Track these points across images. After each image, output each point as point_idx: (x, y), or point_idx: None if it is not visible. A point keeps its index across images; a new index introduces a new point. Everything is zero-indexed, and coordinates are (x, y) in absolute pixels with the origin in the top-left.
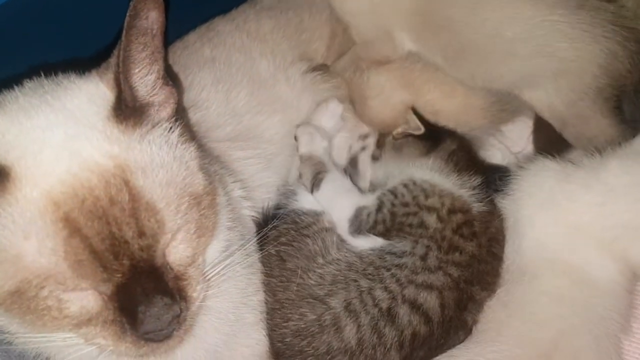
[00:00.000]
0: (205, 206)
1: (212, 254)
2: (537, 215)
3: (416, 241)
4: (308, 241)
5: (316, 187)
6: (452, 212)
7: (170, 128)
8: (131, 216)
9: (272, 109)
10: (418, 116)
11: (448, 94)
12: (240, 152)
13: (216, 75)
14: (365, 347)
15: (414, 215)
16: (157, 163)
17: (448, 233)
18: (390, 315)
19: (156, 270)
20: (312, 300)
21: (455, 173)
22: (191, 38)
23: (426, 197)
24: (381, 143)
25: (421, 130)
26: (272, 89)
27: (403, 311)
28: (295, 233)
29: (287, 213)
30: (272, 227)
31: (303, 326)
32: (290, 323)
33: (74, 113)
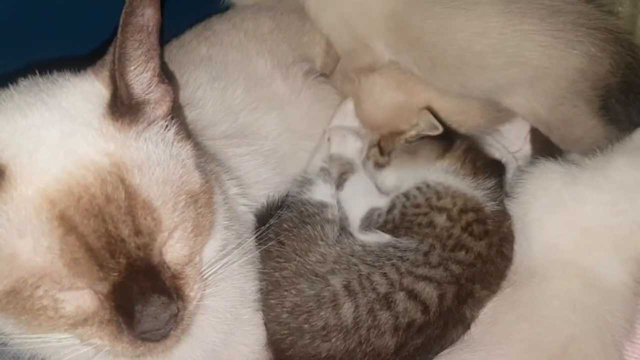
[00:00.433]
0: (202, 205)
1: (209, 253)
2: (545, 217)
3: (422, 240)
4: (308, 227)
5: (340, 187)
6: (464, 212)
7: (166, 126)
8: (127, 214)
9: (269, 106)
10: (434, 116)
11: (443, 94)
12: (236, 149)
13: (212, 73)
14: (360, 327)
15: (424, 215)
16: (154, 161)
17: (456, 231)
18: (387, 300)
19: (153, 269)
20: (312, 276)
21: (471, 175)
22: (187, 37)
23: (439, 199)
24: (386, 149)
25: (439, 130)
26: (269, 87)
27: (400, 298)
28: (297, 220)
29: (294, 202)
30: (275, 218)
31: (300, 302)
32: (286, 300)
33: (70, 111)
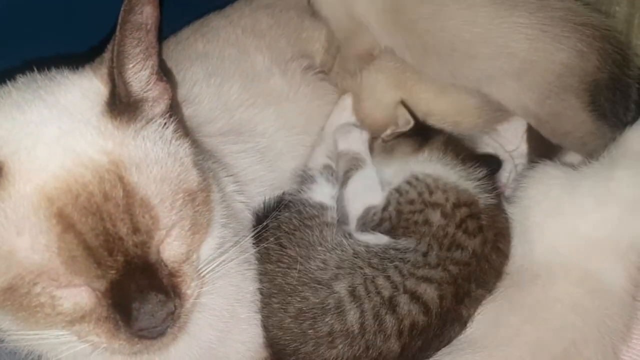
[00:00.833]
0: (199, 203)
1: (207, 251)
2: (547, 222)
3: (419, 240)
4: (307, 232)
5: (344, 185)
6: (457, 207)
7: (164, 124)
8: (125, 212)
9: (265, 102)
10: (408, 110)
11: (441, 94)
12: (232, 147)
13: (208, 69)
14: (367, 332)
15: (420, 212)
16: (152, 159)
17: (451, 229)
18: (391, 303)
19: (150, 266)
20: (315, 284)
21: (458, 163)
22: (184, 33)
23: (430, 193)
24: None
25: (411, 123)
26: (266, 82)
27: (403, 300)
28: (297, 222)
29: (293, 201)
30: (273, 219)
31: (305, 309)
32: (290, 307)
33: (68, 108)
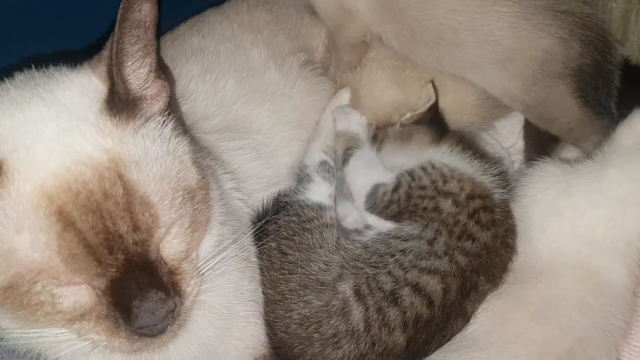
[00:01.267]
0: (198, 200)
1: (206, 249)
2: (547, 220)
3: (426, 225)
4: (308, 235)
5: (346, 163)
6: (471, 198)
7: (163, 122)
8: (125, 210)
9: (261, 97)
10: (435, 90)
11: (440, 92)
12: (228, 143)
13: (204, 65)
14: (372, 328)
15: (431, 199)
16: (151, 157)
17: (462, 218)
18: (393, 297)
19: (150, 264)
20: (319, 286)
21: (476, 158)
22: (181, 29)
23: (445, 182)
24: (378, 137)
25: (432, 100)
26: (262, 77)
27: (405, 293)
28: (296, 227)
29: (291, 203)
30: (272, 221)
31: (309, 313)
32: (293, 313)
33: (67, 106)
